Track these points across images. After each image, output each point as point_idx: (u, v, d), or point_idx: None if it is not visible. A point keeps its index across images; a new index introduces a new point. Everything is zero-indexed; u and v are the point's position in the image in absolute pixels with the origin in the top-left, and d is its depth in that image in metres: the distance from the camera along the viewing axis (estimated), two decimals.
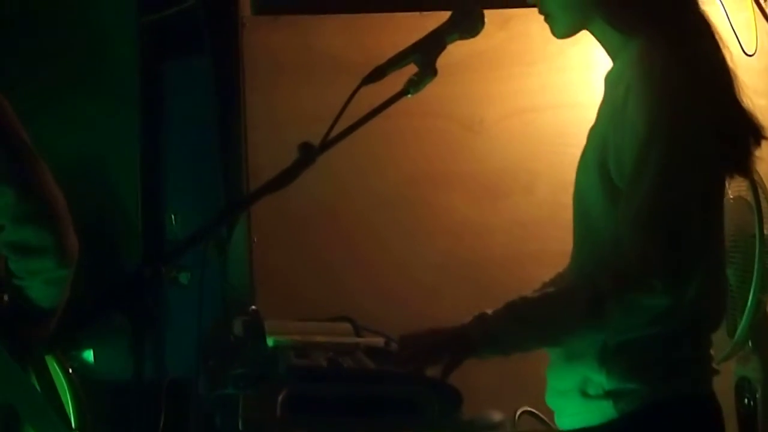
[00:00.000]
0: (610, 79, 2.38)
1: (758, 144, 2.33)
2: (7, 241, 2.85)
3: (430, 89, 2.41)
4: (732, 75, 2.32)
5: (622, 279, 2.15)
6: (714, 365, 2.37)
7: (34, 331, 2.99)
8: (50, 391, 2.92)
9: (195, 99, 4.63)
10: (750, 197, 3.47)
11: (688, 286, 2.17)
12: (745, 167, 2.35)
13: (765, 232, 3.42)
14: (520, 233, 4.20)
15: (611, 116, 2.26)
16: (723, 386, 3.76)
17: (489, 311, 2.27)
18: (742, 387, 3.69)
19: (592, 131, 2.40)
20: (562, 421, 2.45)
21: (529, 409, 3.78)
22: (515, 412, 3.79)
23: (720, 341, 3.54)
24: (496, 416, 3.79)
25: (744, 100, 2.31)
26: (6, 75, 4.39)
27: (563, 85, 4.17)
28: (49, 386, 2.92)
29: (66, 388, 2.95)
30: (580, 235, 2.41)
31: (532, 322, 2.26)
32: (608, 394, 2.27)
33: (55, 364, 2.95)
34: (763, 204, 3.45)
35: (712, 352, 2.37)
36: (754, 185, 3.45)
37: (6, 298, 3.06)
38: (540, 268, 2.54)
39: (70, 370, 2.96)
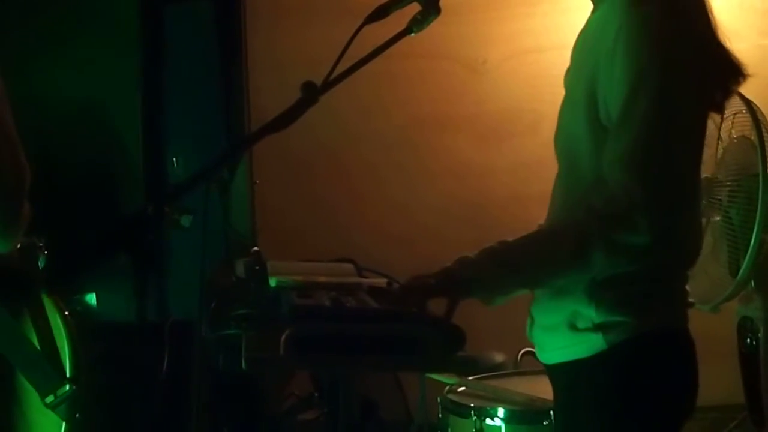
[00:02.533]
0: (595, 22, 2.38)
1: (738, 83, 2.35)
2: None
3: (434, 30, 2.39)
4: (711, 17, 2.33)
5: (607, 218, 2.17)
6: (690, 299, 2.39)
7: (27, 276, 2.98)
8: (46, 338, 2.91)
9: (196, 41, 4.62)
10: (754, 136, 3.46)
11: (671, 224, 2.19)
12: (722, 106, 2.38)
13: None
14: (524, 174, 4.20)
15: (600, 59, 2.27)
16: (725, 326, 3.79)
17: (470, 254, 2.29)
18: (745, 326, 3.70)
19: (573, 73, 2.42)
20: (546, 355, 2.48)
21: (530, 349, 3.79)
22: (517, 353, 3.81)
23: (722, 281, 3.56)
24: (499, 356, 3.82)
25: (724, 41, 2.33)
26: (7, 18, 4.37)
27: (567, 26, 4.10)
28: (45, 332, 2.91)
29: (63, 334, 2.94)
30: (564, 177, 2.42)
31: (516, 266, 2.27)
32: (597, 327, 2.29)
33: (54, 309, 2.94)
34: (767, 143, 3.43)
35: (687, 287, 2.40)
36: (758, 125, 3.45)
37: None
38: (543, 209, 2.54)
39: (67, 313, 2.95)
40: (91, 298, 4.49)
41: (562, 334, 2.36)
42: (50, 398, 2.86)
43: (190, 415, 3.67)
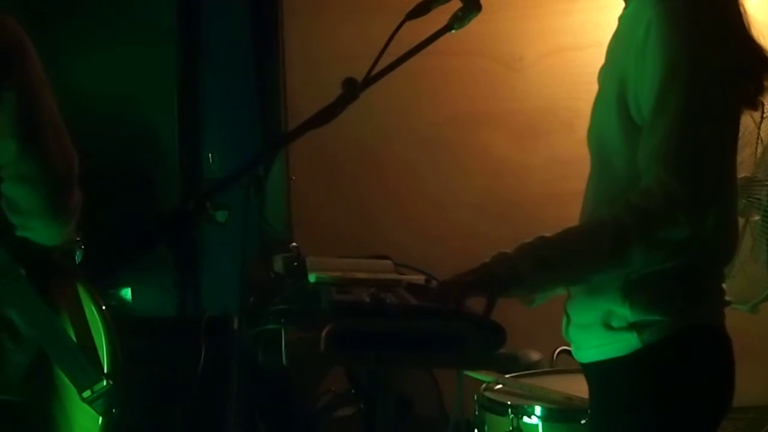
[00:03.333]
0: (626, 19, 2.38)
1: None
2: (2, 194, 2.85)
3: (471, 27, 2.40)
4: (743, 10, 2.32)
5: (645, 214, 2.16)
6: (726, 298, 2.38)
7: (65, 270, 2.99)
8: (84, 334, 2.92)
9: (233, 37, 4.63)
10: None
11: (709, 219, 2.18)
12: (756, 102, 2.36)
13: None
14: (560, 171, 4.19)
15: (631, 56, 2.27)
16: (763, 326, 3.77)
17: (508, 251, 2.28)
18: None
19: (606, 70, 2.42)
20: (582, 354, 2.47)
21: (566, 348, 3.79)
22: (553, 351, 3.81)
23: (761, 280, 3.54)
24: (535, 355, 3.83)
25: (755, 35, 2.32)
26: (44, 14, 4.39)
27: (605, 23, 4.09)
28: (83, 328, 2.92)
29: (101, 330, 2.95)
30: (598, 175, 2.42)
31: (556, 262, 2.27)
32: (632, 326, 2.29)
33: (91, 304, 2.95)
34: None
35: (723, 285, 2.38)
36: None
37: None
38: (579, 207, 2.53)
39: (104, 308, 2.95)
40: (127, 293, 4.51)
41: (596, 332, 2.36)
42: (87, 393, 2.88)
43: (227, 411, 3.68)
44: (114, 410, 2.90)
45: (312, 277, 2.41)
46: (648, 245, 2.18)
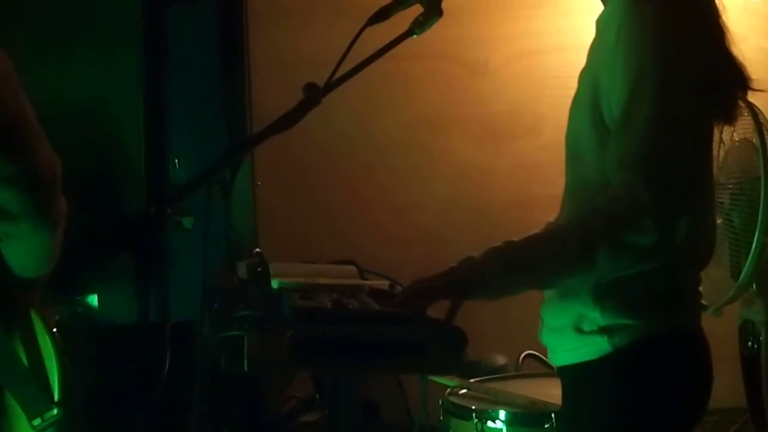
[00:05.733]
0: (602, 22, 2.38)
1: (745, 93, 2.35)
2: None
3: (435, 31, 2.40)
4: (723, 26, 2.32)
5: (611, 218, 2.16)
6: (703, 302, 2.39)
7: (22, 295, 2.94)
8: (36, 360, 2.87)
9: (198, 42, 4.62)
10: (756, 139, 3.46)
11: (677, 225, 2.19)
12: (730, 115, 2.37)
13: None
14: (522, 177, 4.21)
15: (603, 58, 2.27)
16: (727, 329, 3.79)
17: (476, 255, 2.28)
18: (746, 329, 3.70)
19: (584, 73, 2.41)
20: (556, 357, 2.47)
21: (532, 352, 3.80)
22: (519, 356, 3.81)
23: (724, 284, 3.56)
24: (500, 359, 3.83)
25: (734, 51, 2.32)
26: (9, 20, 4.37)
27: (569, 28, 4.15)
28: (36, 354, 2.87)
29: (53, 356, 2.89)
30: (571, 178, 2.42)
31: (521, 266, 2.27)
32: (603, 330, 2.29)
33: (42, 328, 2.89)
34: None
35: (700, 288, 2.40)
36: (760, 128, 3.44)
37: None
38: (544, 212, 2.54)
39: (55, 332, 2.89)
40: (93, 300, 4.49)
41: (568, 336, 2.37)
42: (37, 421, 2.80)
43: (191, 417, 3.67)
44: None
45: (275, 283, 2.40)
46: (614, 250, 2.18)
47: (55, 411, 2.80)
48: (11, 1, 4.52)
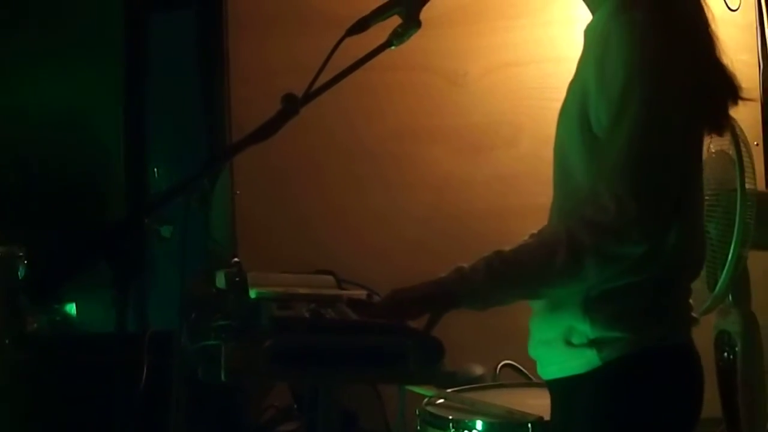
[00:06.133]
0: (590, 32, 2.38)
1: (735, 103, 2.35)
2: None
3: (414, 42, 2.41)
4: (713, 35, 2.33)
5: (598, 229, 2.16)
6: (693, 314, 2.39)
7: None
8: None
9: (179, 51, 4.62)
10: (732, 151, 3.47)
11: (666, 236, 2.20)
12: (720, 126, 2.37)
13: (746, 186, 3.41)
14: (502, 188, 4.21)
15: (591, 68, 2.27)
16: (702, 340, 3.80)
17: (465, 265, 2.28)
18: (722, 340, 3.70)
19: (573, 83, 2.41)
20: (545, 370, 2.47)
21: (509, 362, 3.81)
22: (496, 366, 3.82)
23: (700, 294, 3.57)
24: (478, 369, 3.84)
25: (724, 60, 2.33)
26: None
27: (547, 40, 4.17)
28: None
29: None
30: (560, 189, 2.41)
31: (509, 277, 2.27)
32: (592, 343, 2.29)
33: None
34: (745, 158, 3.44)
35: (691, 301, 2.39)
36: (737, 140, 3.45)
37: None
38: (522, 223, 2.55)
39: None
40: (71, 308, 4.48)
41: (558, 349, 2.36)
42: None
43: (169, 427, 3.66)
44: None
45: (253, 293, 2.41)
46: (602, 260, 2.18)
47: None
48: None
